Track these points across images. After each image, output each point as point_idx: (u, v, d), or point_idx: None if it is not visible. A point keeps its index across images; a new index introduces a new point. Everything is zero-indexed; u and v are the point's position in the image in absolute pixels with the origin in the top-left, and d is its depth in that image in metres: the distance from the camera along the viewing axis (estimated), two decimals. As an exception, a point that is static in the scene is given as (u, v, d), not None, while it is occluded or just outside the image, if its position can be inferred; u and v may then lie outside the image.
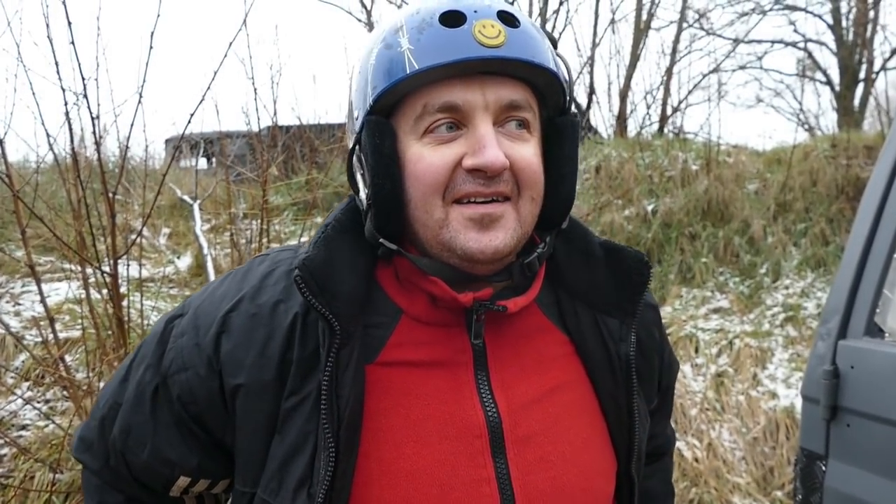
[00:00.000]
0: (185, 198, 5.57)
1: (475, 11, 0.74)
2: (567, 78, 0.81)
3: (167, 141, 8.44)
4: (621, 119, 8.61)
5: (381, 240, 0.79)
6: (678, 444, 3.63)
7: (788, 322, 4.46)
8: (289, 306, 0.78)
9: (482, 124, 0.74)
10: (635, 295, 0.87)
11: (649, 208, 5.59)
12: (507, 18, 0.75)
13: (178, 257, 5.09)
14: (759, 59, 10.65)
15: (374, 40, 0.78)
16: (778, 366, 4.07)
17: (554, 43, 0.82)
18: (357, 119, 0.79)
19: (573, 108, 0.83)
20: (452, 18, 0.73)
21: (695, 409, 3.78)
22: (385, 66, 0.75)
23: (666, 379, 0.98)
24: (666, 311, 4.67)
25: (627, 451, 0.86)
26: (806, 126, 11.48)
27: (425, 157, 0.74)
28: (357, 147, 0.79)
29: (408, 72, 0.73)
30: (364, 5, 7.66)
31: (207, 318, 0.80)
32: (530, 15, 6.01)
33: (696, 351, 4.22)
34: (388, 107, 0.77)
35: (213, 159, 8.41)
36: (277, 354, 0.77)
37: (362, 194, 0.79)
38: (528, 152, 0.76)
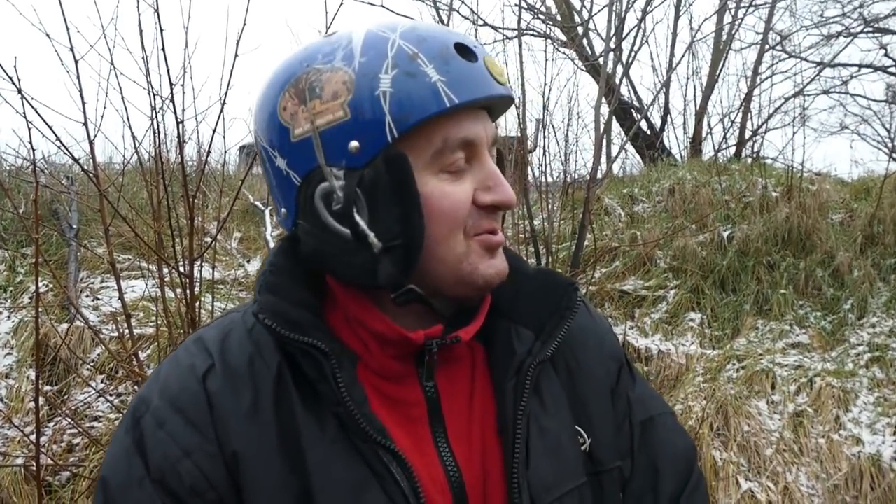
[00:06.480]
0: (258, 203, 5.70)
1: (475, 46, 0.73)
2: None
3: (241, 148, 8.71)
4: (696, 141, 8.36)
5: (410, 286, 0.72)
6: (750, 485, 3.44)
7: (875, 363, 4.18)
8: (266, 360, 0.72)
9: (489, 160, 0.74)
10: (558, 316, 0.79)
11: (725, 235, 5.38)
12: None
13: (249, 261, 5.20)
14: (845, 83, 10.14)
15: (376, 63, 0.69)
16: (863, 409, 3.81)
17: None
18: (360, 148, 0.69)
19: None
20: (465, 51, 0.72)
21: (770, 450, 3.57)
22: (412, 96, 0.68)
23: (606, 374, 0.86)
24: (740, 343, 4.46)
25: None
26: (895, 155, 10.86)
27: (448, 194, 0.71)
28: (360, 179, 0.70)
29: (447, 105, 0.69)
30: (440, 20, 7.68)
31: (186, 392, 0.71)
32: (608, 33, 5.87)
33: (773, 388, 4.00)
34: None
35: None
36: (272, 414, 0.70)
37: (372, 237, 0.70)
38: None
